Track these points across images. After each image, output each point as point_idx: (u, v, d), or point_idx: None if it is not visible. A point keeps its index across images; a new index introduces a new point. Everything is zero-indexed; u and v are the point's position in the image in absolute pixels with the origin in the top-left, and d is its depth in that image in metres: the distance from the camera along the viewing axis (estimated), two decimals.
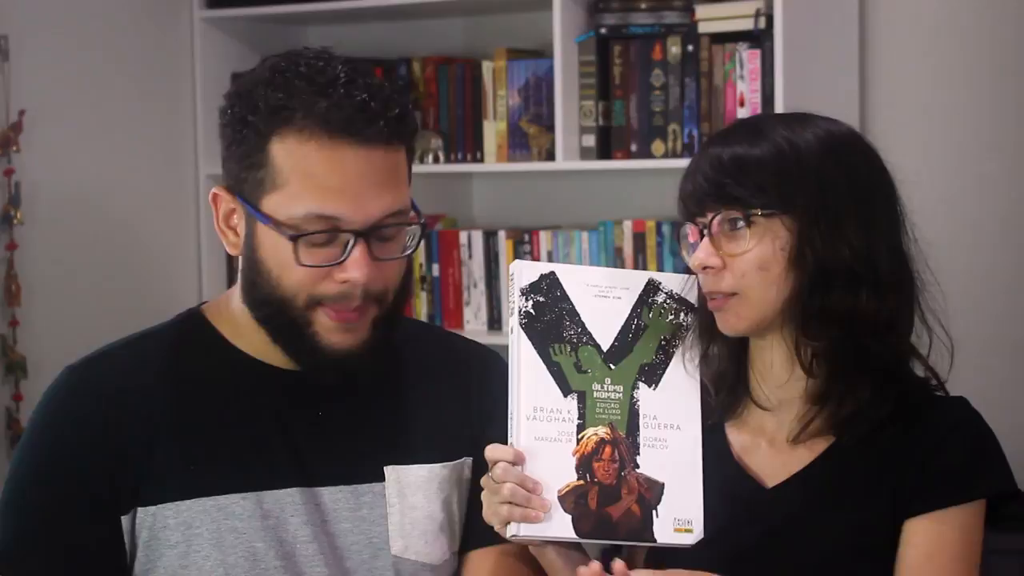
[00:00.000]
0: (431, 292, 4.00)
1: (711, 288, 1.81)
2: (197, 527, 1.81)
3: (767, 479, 1.85)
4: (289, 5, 4.01)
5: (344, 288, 1.77)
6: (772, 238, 1.79)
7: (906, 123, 3.57)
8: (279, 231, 1.76)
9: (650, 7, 3.62)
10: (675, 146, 3.59)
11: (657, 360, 1.80)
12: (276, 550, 1.82)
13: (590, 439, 1.75)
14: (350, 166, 1.76)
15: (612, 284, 1.81)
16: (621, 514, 1.73)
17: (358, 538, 1.85)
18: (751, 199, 1.79)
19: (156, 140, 3.95)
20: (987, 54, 3.55)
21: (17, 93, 3.68)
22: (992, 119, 3.55)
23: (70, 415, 1.83)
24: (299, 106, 1.75)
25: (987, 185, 3.56)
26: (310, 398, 1.86)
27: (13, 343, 3.69)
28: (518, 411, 1.74)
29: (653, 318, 1.81)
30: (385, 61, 4.07)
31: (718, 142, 1.85)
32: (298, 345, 1.81)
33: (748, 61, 3.48)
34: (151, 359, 1.86)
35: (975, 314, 3.47)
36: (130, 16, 3.98)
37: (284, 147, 1.75)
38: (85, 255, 3.86)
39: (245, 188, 1.79)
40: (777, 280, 1.79)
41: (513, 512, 1.71)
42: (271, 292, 1.79)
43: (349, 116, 1.76)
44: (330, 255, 1.77)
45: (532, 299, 1.77)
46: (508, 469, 1.72)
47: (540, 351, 1.76)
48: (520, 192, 4.12)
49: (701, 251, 1.80)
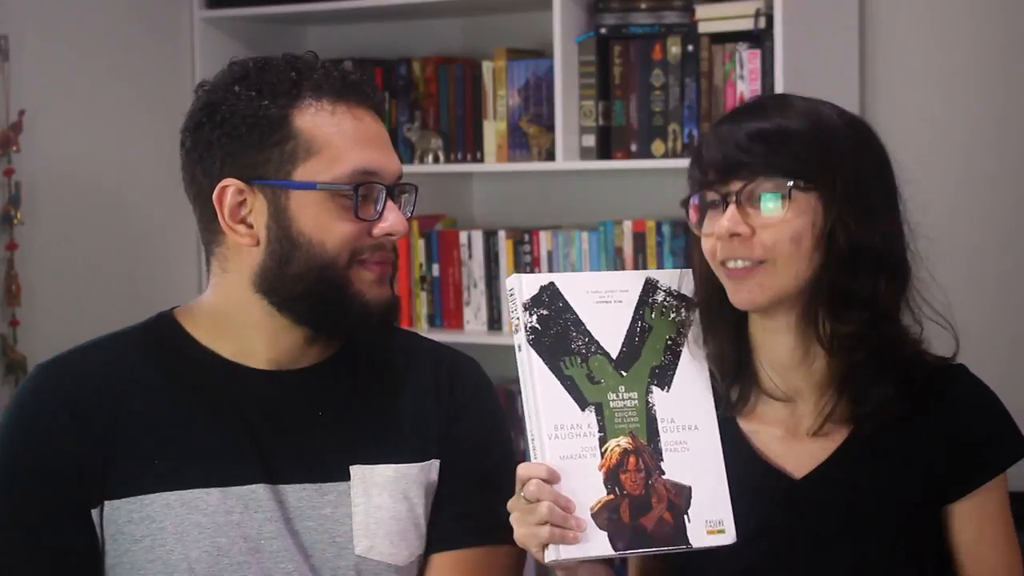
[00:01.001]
0: (431, 292, 3.99)
1: (737, 254, 1.79)
2: (161, 521, 1.82)
3: (794, 470, 1.84)
4: (289, 5, 4.01)
5: (382, 240, 1.85)
6: (805, 212, 1.79)
7: (906, 123, 3.57)
8: (331, 190, 1.82)
9: (650, 7, 3.62)
10: (675, 146, 3.59)
11: (666, 361, 1.79)
12: (240, 545, 1.82)
13: (613, 451, 1.73)
14: (373, 126, 1.88)
15: (612, 288, 1.80)
16: (654, 524, 1.72)
17: (321, 536, 1.86)
18: (791, 171, 1.78)
19: (156, 140, 3.94)
20: (987, 54, 3.55)
21: (17, 93, 3.68)
22: (992, 118, 3.55)
23: (39, 412, 1.85)
24: (313, 79, 1.85)
25: (987, 185, 3.56)
26: (278, 397, 1.88)
27: (13, 343, 3.69)
28: (540, 431, 1.72)
29: (656, 318, 1.80)
30: (385, 61, 4.07)
31: (748, 114, 1.84)
32: (344, 308, 1.84)
33: (748, 61, 3.48)
34: (120, 357, 1.89)
35: (975, 310, 3.47)
36: (130, 16, 3.98)
37: (307, 117, 1.84)
38: (85, 255, 3.86)
39: (268, 169, 1.83)
40: (806, 256, 1.79)
41: (553, 534, 1.67)
42: (311, 261, 1.83)
43: (355, 83, 1.88)
44: (367, 211, 1.84)
45: (536, 313, 1.76)
46: (543, 487, 1.68)
47: (551, 367, 1.74)
48: (520, 192, 4.12)
49: (728, 218, 1.78)
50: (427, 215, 4.06)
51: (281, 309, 1.86)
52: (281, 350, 1.88)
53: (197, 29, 4.09)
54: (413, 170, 3.97)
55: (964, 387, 1.87)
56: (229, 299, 1.88)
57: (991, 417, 1.86)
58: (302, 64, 1.87)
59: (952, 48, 3.58)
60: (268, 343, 1.88)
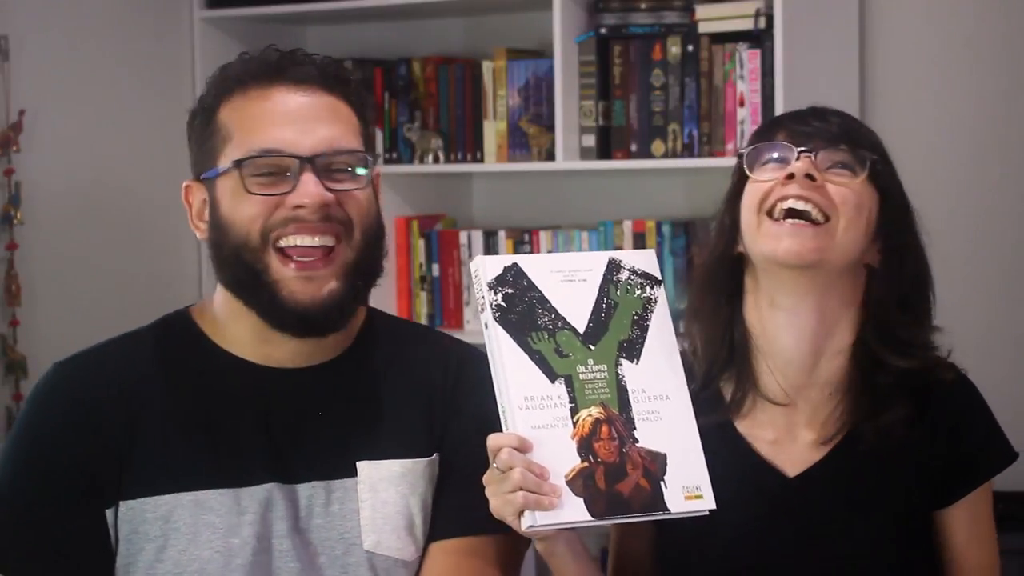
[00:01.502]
0: (431, 292, 4.00)
1: (806, 195, 1.80)
2: (175, 521, 1.82)
3: (788, 469, 1.85)
4: (289, 5, 4.01)
5: (296, 212, 1.81)
6: (869, 197, 1.83)
7: (905, 123, 3.57)
8: (229, 172, 1.82)
9: (650, 7, 3.62)
10: (675, 146, 3.59)
11: (634, 335, 1.79)
12: (252, 545, 1.83)
13: (585, 420, 1.74)
14: (289, 101, 1.85)
15: (575, 268, 1.81)
16: (631, 490, 1.72)
17: (330, 533, 1.86)
18: (874, 157, 1.84)
19: (156, 140, 3.95)
20: (987, 54, 3.55)
21: (17, 93, 3.67)
22: (992, 118, 3.55)
23: (55, 411, 1.86)
24: (239, 74, 1.87)
25: (987, 185, 3.56)
26: (289, 395, 1.88)
27: (13, 343, 3.69)
28: (510, 403, 1.73)
29: (621, 295, 1.81)
30: (385, 61, 4.07)
31: (824, 110, 1.89)
32: (261, 298, 1.83)
33: (748, 61, 3.48)
34: (136, 356, 1.90)
35: (975, 310, 3.47)
36: (130, 16, 3.98)
37: (229, 107, 1.86)
38: (85, 255, 3.86)
39: (206, 164, 1.87)
40: (862, 231, 1.83)
41: (528, 499, 1.68)
42: (229, 243, 1.83)
43: (277, 62, 1.87)
44: (280, 187, 1.82)
45: (501, 292, 1.77)
46: (514, 455, 1.69)
47: (519, 341, 1.75)
48: (520, 192, 4.12)
49: (804, 162, 1.81)
50: (427, 215, 4.06)
51: (235, 295, 1.87)
52: (274, 345, 1.88)
53: (197, 29, 4.09)
54: (413, 170, 3.97)
55: (958, 393, 1.88)
56: (218, 293, 1.91)
57: (983, 423, 1.88)
58: (241, 59, 1.89)
59: (952, 48, 3.58)
60: (258, 337, 1.87)
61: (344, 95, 1.88)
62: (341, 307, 1.85)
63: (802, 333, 1.84)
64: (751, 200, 1.83)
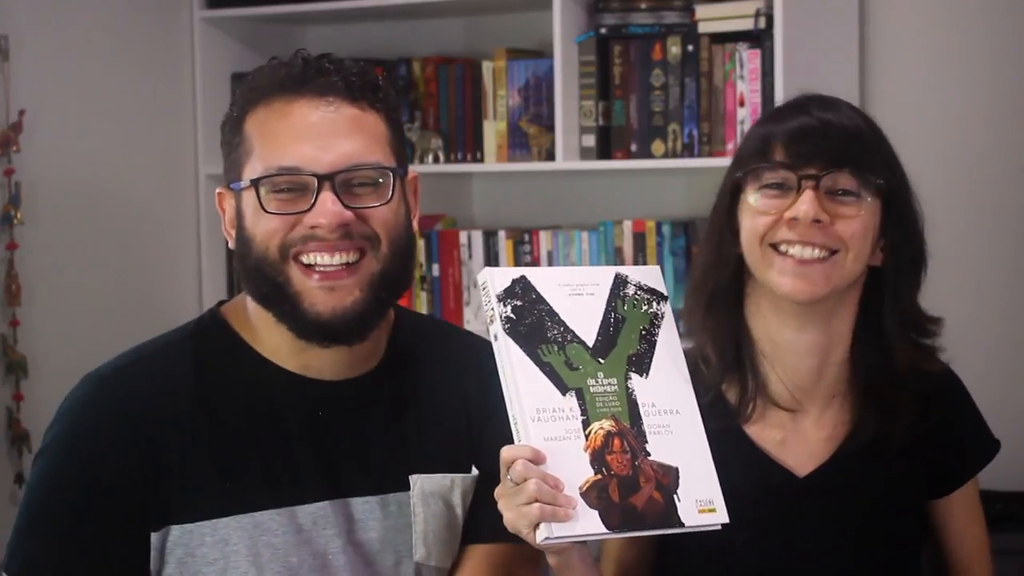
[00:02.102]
0: (431, 292, 4.00)
1: (814, 240, 1.78)
2: (235, 544, 1.80)
3: (797, 469, 1.85)
4: (289, 5, 4.01)
5: (313, 232, 1.78)
6: (875, 212, 1.81)
7: (905, 123, 3.57)
8: (249, 188, 1.80)
9: (650, 7, 3.62)
10: (675, 146, 3.59)
11: (642, 349, 1.79)
12: (309, 563, 1.82)
13: (597, 433, 1.73)
14: (305, 117, 1.81)
15: (582, 282, 1.81)
16: (644, 503, 1.71)
17: (384, 546, 1.86)
18: (879, 172, 1.80)
19: (156, 140, 3.95)
20: (987, 54, 3.55)
21: (17, 93, 3.67)
22: (992, 118, 3.55)
23: (99, 431, 1.81)
24: (263, 84, 1.83)
25: (988, 184, 3.56)
26: (336, 407, 1.86)
27: (13, 343, 3.69)
28: (522, 414, 1.72)
29: (628, 309, 1.80)
30: (385, 61, 4.07)
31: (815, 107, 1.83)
32: (285, 309, 1.81)
33: (748, 61, 3.48)
34: (177, 371, 1.85)
35: (975, 310, 3.47)
36: (130, 16, 3.98)
37: (254, 119, 1.83)
38: (85, 255, 3.86)
39: (232, 175, 1.85)
40: (867, 253, 1.81)
41: (544, 511, 1.66)
42: (251, 257, 1.81)
43: (301, 73, 1.83)
44: (298, 205, 1.79)
45: (510, 304, 1.76)
46: (529, 467, 1.68)
47: (529, 353, 1.74)
48: (520, 192, 4.12)
49: (809, 203, 1.77)
50: (427, 215, 4.06)
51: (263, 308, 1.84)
52: (308, 354, 1.85)
53: (197, 29, 4.09)
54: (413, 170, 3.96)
55: (948, 385, 1.92)
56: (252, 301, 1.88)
57: (973, 411, 1.94)
58: (269, 66, 1.86)
59: (952, 48, 3.58)
60: (292, 345, 1.85)
61: (371, 103, 1.84)
62: (363, 318, 1.82)
63: (810, 348, 1.84)
64: (752, 232, 1.81)
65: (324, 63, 1.84)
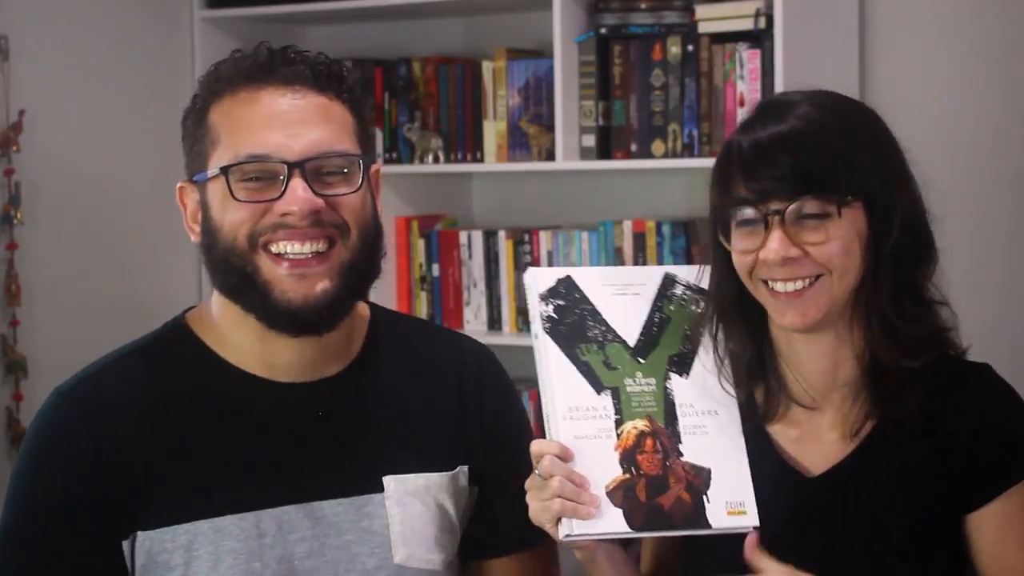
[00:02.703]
0: (431, 292, 3.99)
1: (790, 276, 1.76)
2: (196, 550, 1.79)
3: (811, 468, 1.83)
4: (289, 5, 4.01)
5: (284, 219, 1.77)
6: (853, 222, 1.77)
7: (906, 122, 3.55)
8: (216, 178, 1.79)
9: (650, 7, 3.62)
10: (675, 146, 3.59)
11: (685, 350, 1.79)
12: (274, 568, 1.81)
13: (630, 433, 1.72)
14: (273, 105, 1.80)
15: (629, 282, 1.80)
16: (672, 503, 1.70)
17: (361, 549, 1.84)
18: (842, 186, 1.75)
19: (156, 140, 3.94)
20: (987, 53, 3.55)
21: (17, 93, 3.67)
22: (992, 118, 3.55)
23: (64, 442, 1.81)
24: (229, 74, 1.83)
25: (989, 184, 3.56)
26: (300, 410, 1.85)
27: (13, 343, 3.69)
28: (554, 412, 1.71)
29: (675, 310, 1.80)
30: (385, 61, 4.07)
31: (772, 121, 1.78)
32: (254, 299, 1.80)
33: (748, 61, 3.47)
34: (139, 378, 1.84)
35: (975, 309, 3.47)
36: (130, 16, 3.98)
37: (219, 110, 1.82)
38: (85, 255, 3.86)
39: (196, 166, 1.84)
40: (856, 267, 1.77)
41: (565, 507, 1.66)
42: (219, 248, 1.80)
43: (267, 62, 1.82)
44: (268, 193, 1.78)
45: (552, 303, 1.76)
46: (556, 463, 1.68)
47: (567, 352, 1.74)
48: (520, 192, 4.12)
49: (778, 243, 1.74)
50: (427, 215, 4.06)
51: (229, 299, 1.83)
52: (275, 354, 1.84)
53: (197, 29, 4.09)
54: (413, 170, 3.97)
55: (989, 389, 1.84)
56: (217, 299, 1.87)
57: (1016, 424, 1.82)
58: (233, 58, 1.85)
59: (952, 47, 3.58)
60: (259, 346, 1.84)
61: (337, 94, 1.83)
62: (334, 306, 1.81)
63: (822, 352, 1.83)
64: (741, 270, 1.80)
65: (289, 53, 1.84)
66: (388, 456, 1.87)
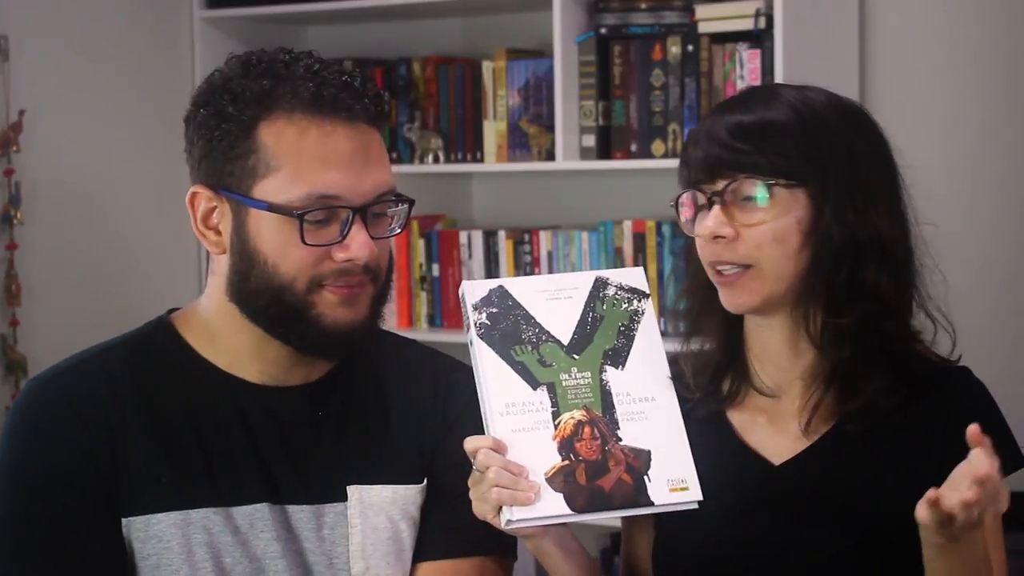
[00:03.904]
0: (431, 292, 3.99)
1: (722, 258, 1.79)
2: (168, 540, 1.79)
3: (773, 457, 1.84)
4: (289, 5, 4.01)
5: (345, 266, 1.77)
6: (790, 210, 1.78)
7: (906, 122, 3.57)
8: (280, 213, 1.75)
9: (650, 7, 3.62)
10: (675, 146, 3.59)
11: (619, 344, 1.81)
12: (244, 565, 1.80)
13: (567, 423, 1.75)
14: (343, 143, 1.77)
15: (561, 287, 1.83)
16: (613, 485, 1.73)
17: (320, 558, 1.83)
18: (773, 168, 1.77)
19: (156, 140, 3.95)
20: (987, 53, 3.55)
21: (17, 93, 3.68)
22: (993, 117, 3.55)
23: (41, 436, 1.80)
24: (285, 89, 1.77)
25: (988, 184, 3.56)
26: (278, 414, 1.85)
27: (13, 343, 3.69)
28: (490, 410, 1.74)
29: (607, 309, 1.82)
30: (385, 61, 4.07)
31: (733, 107, 1.82)
32: (301, 329, 1.79)
33: (748, 61, 3.48)
34: (121, 370, 1.84)
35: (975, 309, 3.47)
36: (130, 16, 3.98)
37: (273, 131, 1.76)
38: (85, 255, 3.86)
39: (232, 181, 1.79)
40: (793, 254, 1.78)
41: (502, 495, 1.69)
42: (268, 281, 1.78)
43: (336, 94, 1.77)
44: (329, 235, 1.77)
45: (485, 311, 1.79)
46: (490, 455, 1.70)
47: (502, 354, 1.77)
48: (520, 192, 4.12)
49: (712, 219, 1.78)
50: (427, 215, 4.06)
51: (252, 320, 1.82)
52: (269, 361, 1.84)
53: (197, 29, 4.09)
54: (413, 170, 3.97)
55: (965, 390, 1.84)
56: (216, 303, 1.85)
57: (992, 420, 1.81)
58: (282, 68, 1.79)
59: (952, 47, 3.58)
60: (255, 353, 1.84)
61: (381, 128, 1.83)
62: (367, 333, 1.83)
63: (780, 340, 1.84)
64: (700, 256, 1.83)
65: (354, 84, 1.79)
66: (355, 466, 1.86)
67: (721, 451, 1.81)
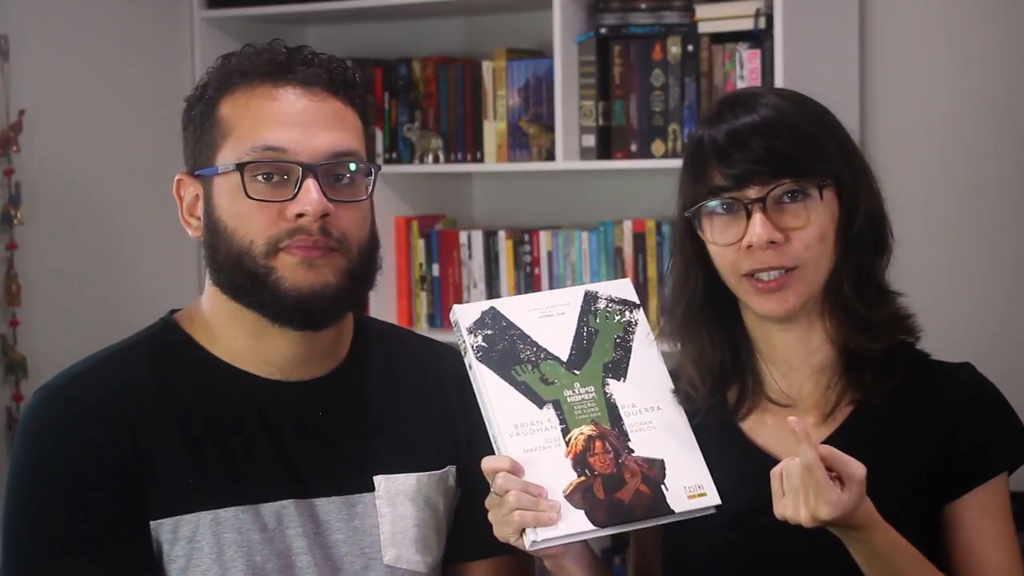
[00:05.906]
0: (431, 292, 3.99)
1: (770, 263, 1.78)
2: (198, 541, 1.79)
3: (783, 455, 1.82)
4: (289, 5, 4.01)
5: (300, 223, 1.77)
6: (829, 207, 1.79)
7: (906, 123, 3.57)
8: (228, 173, 1.78)
9: (650, 7, 3.62)
10: (675, 146, 3.59)
11: (618, 356, 1.82)
12: (273, 562, 1.81)
13: (578, 439, 1.76)
14: (292, 103, 1.80)
15: (552, 304, 1.84)
16: (632, 496, 1.73)
17: (351, 548, 1.85)
18: (819, 170, 1.78)
19: (156, 140, 3.94)
20: (987, 53, 3.55)
21: (17, 93, 3.68)
22: (993, 118, 3.55)
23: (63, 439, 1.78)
24: (244, 68, 1.82)
25: (988, 184, 3.56)
26: (295, 408, 1.86)
27: (13, 343, 3.69)
28: (500, 432, 1.75)
29: (601, 322, 1.83)
30: (385, 61, 4.07)
31: (741, 112, 1.81)
32: (263, 295, 1.79)
33: (748, 61, 3.48)
34: (131, 374, 1.83)
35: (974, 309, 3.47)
36: (130, 16, 3.98)
37: (231, 102, 1.81)
38: (85, 255, 3.86)
39: (201, 160, 1.83)
40: (829, 251, 1.80)
41: (525, 518, 1.69)
42: (229, 248, 1.80)
43: (287, 61, 1.82)
44: (281, 193, 1.78)
45: (480, 334, 1.79)
46: (509, 478, 1.71)
47: (503, 375, 1.77)
48: (520, 192, 4.12)
49: (761, 227, 1.76)
50: (427, 215, 4.06)
51: (232, 297, 1.82)
52: (269, 351, 1.85)
53: (197, 29, 4.09)
54: (413, 170, 3.97)
55: (969, 384, 1.86)
56: (210, 296, 1.87)
57: (996, 416, 1.84)
58: (246, 53, 1.84)
59: (952, 48, 3.58)
60: (254, 342, 1.84)
61: (350, 99, 1.84)
62: (337, 302, 1.82)
63: (796, 339, 1.85)
64: (722, 264, 1.82)
65: (307, 54, 1.84)
66: (379, 456, 1.88)
67: (732, 453, 1.82)
